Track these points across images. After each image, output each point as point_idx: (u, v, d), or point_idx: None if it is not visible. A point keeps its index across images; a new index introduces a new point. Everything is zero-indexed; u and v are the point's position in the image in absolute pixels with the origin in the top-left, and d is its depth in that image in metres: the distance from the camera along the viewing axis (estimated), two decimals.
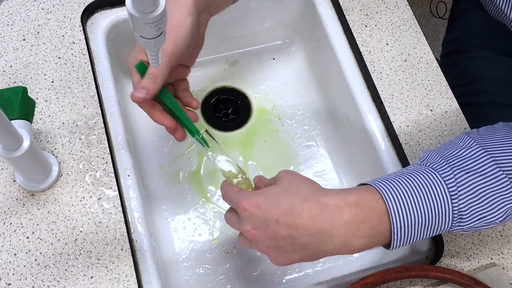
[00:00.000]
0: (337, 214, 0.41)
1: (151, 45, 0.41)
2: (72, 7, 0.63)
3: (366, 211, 0.42)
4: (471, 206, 0.43)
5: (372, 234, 0.42)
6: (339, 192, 0.43)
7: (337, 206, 0.42)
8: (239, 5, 0.71)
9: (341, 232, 0.41)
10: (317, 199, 0.42)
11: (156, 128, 0.71)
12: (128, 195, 0.55)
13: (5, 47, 0.59)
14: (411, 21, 0.67)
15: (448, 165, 0.43)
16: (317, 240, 0.42)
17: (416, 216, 0.42)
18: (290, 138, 0.73)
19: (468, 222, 0.43)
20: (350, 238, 0.42)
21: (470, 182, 0.42)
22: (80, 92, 0.58)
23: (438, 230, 0.44)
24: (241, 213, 0.44)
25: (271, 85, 0.76)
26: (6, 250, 0.50)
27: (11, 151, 0.45)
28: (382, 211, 0.42)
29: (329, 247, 0.42)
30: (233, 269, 0.63)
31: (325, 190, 0.44)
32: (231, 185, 0.48)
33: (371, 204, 0.42)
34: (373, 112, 0.63)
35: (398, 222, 0.42)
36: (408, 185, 0.43)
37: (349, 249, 0.42)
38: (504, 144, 0.44)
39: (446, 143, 0.48)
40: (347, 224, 0.41)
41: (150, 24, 0.37)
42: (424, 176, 0.43)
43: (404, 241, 0.43)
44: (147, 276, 0.51)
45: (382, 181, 0.44)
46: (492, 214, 0.43)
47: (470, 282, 0.50)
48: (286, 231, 0.42)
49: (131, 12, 0.36)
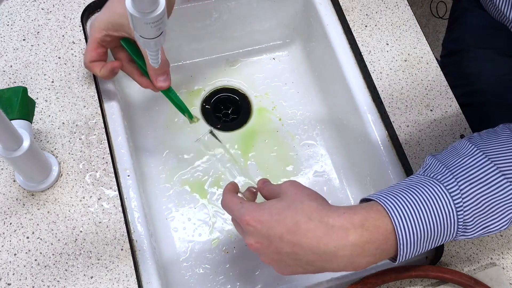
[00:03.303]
0: (342, 236, 0.41)
1: (151, 45, 0.41)
2: (72, 7, 0.63)
3: (372, 231, 0.41)
4: (476, 216, 0.42)
5: (377, 253, 0.42)
6: (344, 212, 0.42)
7: (342, 228, 0.41)
8: (239, 5, 0.71)
9: (346, 253, 0.41)
10: (322, 219, 0.42)
11: (156, 128, 0.71)
12: (128, 195, 0.55)
13: (5, 47, 0.59)
14: (411, 21, 0.67)
15: (452, 176, 0.43)
16: (321, 259, 0.42)
17: (422, 231, 0.41)
18: (290, 138, 0.73)
19: (472, 232, 0.43)
20: (355, 258, 0.41)
21: (475, 193, 0.42)
22: (80, 92, 0.58)
23: (443, 241, 0.43)
24: (244, 227, 0.44)
25: (271, 85, 0.76)
26: (6, 250, 0.50)
27: (11, 151, 0.45)
28: (388, 230, 0.41)
29: (333, 266, 0.42)
30: (233, 269, 0.63)
31: (329, 208, 0.43)
32: (233, 195, 0.47)
33: (377, 224, 0.41)
34: (373, 112, 0.63)
35: (404, 239, 0.41)
36: (414, 199, 0.42)
37: (353, 267, 0.42)
38: (507, 150, 0.43)
39: (448, 150, 0.47)
40: (353, 246, 0.41)
41: (150, 24, 0.37)
42: (429, 189, 0.42)
43: (410, 255, 0.42)
44: (147, 276, 0.51)
45: (387, 196, 0.43)
46: (497, 223, 0.43)
47: (470, 282, 0.50)
48: (290, 249, 0.42)
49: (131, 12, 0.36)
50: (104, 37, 0.53)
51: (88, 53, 0.54)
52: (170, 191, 0.67)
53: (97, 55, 0.54)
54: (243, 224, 0.44)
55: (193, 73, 0.76)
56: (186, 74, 0.76)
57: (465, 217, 0.42)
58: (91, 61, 0.54)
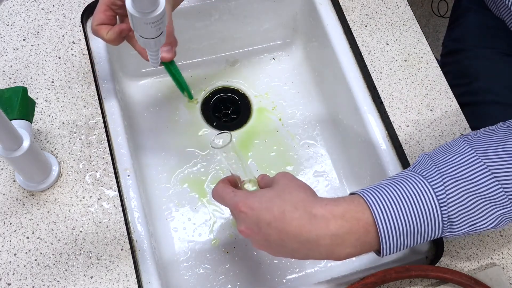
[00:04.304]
0: (323, 226, 0.43)
1: (151, 45, 0.41)
2: (72, 7, 0.63)
3: (352, 223, 0.43)
4: (461, 213, 0.43)
5: (358, 244, 0.43)
6: (327, 203, 0.44)
7: (324, 218, 0.43)
8: (239, 5, 0.71)
9: (327, 242, 0.43)
10: (306, 208, 0.43)
11: (156, 128, 0.71)
12: (128, 195, 0.55)
13: (5, 47, 0.59)
14: (411, 21, 0.67)
15: (438, 172, 0.43)
16: (304, 247, 0.43)
17: (404, 225, 0.42)
18: (290, 138, 0.73)
19: (459, 228, 0.43)
20: (335, 248, 0.43)
21: (460, 190, 0.42)
22: (80, 92, 0.58)
23: (429, 237, 0.44)
24: (237, 214, 0.46)
25: (271, 85, 0.76)
26: (6, 250, 0.50)
27: (11, 151, 0.45)
28: (368, 223, 0.43)
29: (315, 254, 0.44)
30: (233, 269, 0.63)
31: (314, 200, 0.45)
32: (226, 186, 0.50)
33: (357, 216, 0.43)
34: (373, 112, 0.63)
35: (385, 232, 0.42)
36: (395, 193, 0.43)
37: (335, 257, 0.44)
38: (499, 149, 0.43)
39: (442, 146, 0.47)
40: (333, 235, 0.42)
41: (150, 24, 0.37)
42: (412, 184, 0.43)
43: (394, 249, 0.43)
44: (147, 276, 0.51)
45: (369, 190, 0.44)
46: (483, 221, 0.43)
47: (470, 282, 0.50)
48: (277, 236, 0.43)
49: (131, 12, 0.36)
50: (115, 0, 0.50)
51: (96, 15, 0.50)
52: (170, 191, 0.67)
53: (106, 18, 0.50)
54: (236, 211, 0.45)
55: (193, 73, 0.76)
56: (186, 74, 0.76)
57: (449, 213, 0.42)
58: (98, 23, 0.51)
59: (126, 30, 0.51)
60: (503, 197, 0.42)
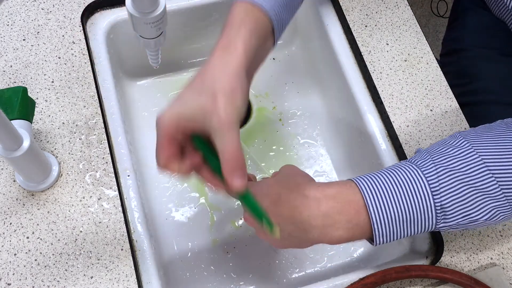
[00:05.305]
0: (315, 206, 0.44)
1: (151, 45, 0.41)
2: (72, 7, 0.63)
3: (343, 204, 0.44)
4: (454, 203, 0.43)
5: (349, 227, 0.44)
6: (319, 185, 0.45)
7: (315, 198, 0.44)
8: None
9: (318, 223, 0.43)
10: (300, 191, 0.45)
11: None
12: (128, 195, 0.55)
13: (5, 47, 0.59)
14: (411, 21, 0.68)
15: (432, 162, 0.44)
16: (298, 229, 0.44)
17: (396, 211, 0.43)
18: (290, 138, 0.73)
19: (452, 218, 0.43)
20: (327, 229, 0.44)
21: (454, 180, 0.43)
22: (80, 92, 0.58)
23: (424, 226, 0.44)
24: None
25: (271, 85, 0.76)
26: (6, 250, 0.50)
27: (11, 151, 0.45)
28: (359, 205, 0.43)
29: (309, 236, 0.44)
30: (233, 269, 0.63)
31: (309, 183, 0.46)
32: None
33: (348, 197, 0.44)
34: (373, 112, 0.63)
35: (377, 216, 0.43)
36: (388, 180, 0.44)
37: (327, 239, 0.44)
38: (495, 144, 0.44)
39: (440, 141, 0.48)
40: (324, 216, 0.43)
41: (150, 24, 0.37)
42: (405, 172, 0.44)
43: (388, 237, 0.44)
44: (147, 276, 0.51)
45: (363, 176, 0.45)
46: (476, 212, 0.43)
47: (470, 282, 0.50)
48: (274, 220, 0.44)
49: (131, 12, 0.36)
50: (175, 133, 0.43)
51: (161, 153, 0.43)
52: (170, 191, 0.67)
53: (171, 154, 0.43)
54: None
55: (193, 74, 0.76)
56: (186, 75, 0.76)
57: (442, 202, 0.43)
58: (168, 158, 0.43)
59: (197, 164, 0.45)
60: (497, 191, 0.43)
